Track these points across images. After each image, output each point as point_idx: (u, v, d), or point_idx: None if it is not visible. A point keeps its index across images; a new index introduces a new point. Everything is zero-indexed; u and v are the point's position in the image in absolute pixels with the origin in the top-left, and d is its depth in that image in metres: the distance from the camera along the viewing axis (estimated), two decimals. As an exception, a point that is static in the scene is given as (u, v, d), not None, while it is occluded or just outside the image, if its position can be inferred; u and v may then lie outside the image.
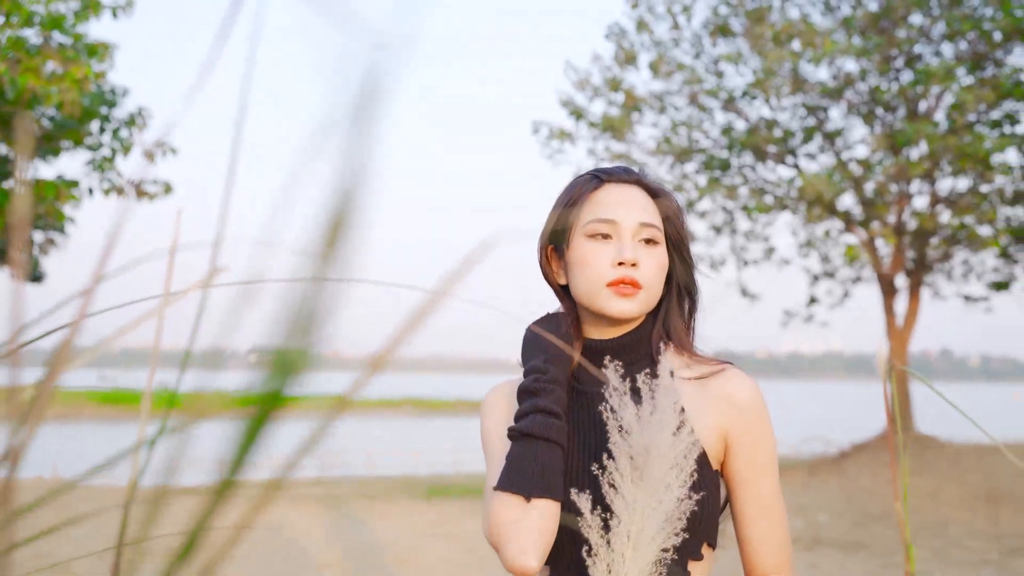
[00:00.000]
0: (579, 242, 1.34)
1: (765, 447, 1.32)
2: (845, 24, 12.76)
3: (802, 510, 8.83)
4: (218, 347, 0.42)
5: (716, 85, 13.21)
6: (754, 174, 13.78)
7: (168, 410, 0.47)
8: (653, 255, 1.34)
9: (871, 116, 13.27)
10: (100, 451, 18.72)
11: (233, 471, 0.40)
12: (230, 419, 0.41)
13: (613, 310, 1.31)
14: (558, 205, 1.39)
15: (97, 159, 10.20)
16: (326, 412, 0.41)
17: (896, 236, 12.85)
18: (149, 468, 0.50)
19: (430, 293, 0.41)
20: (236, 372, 0.44)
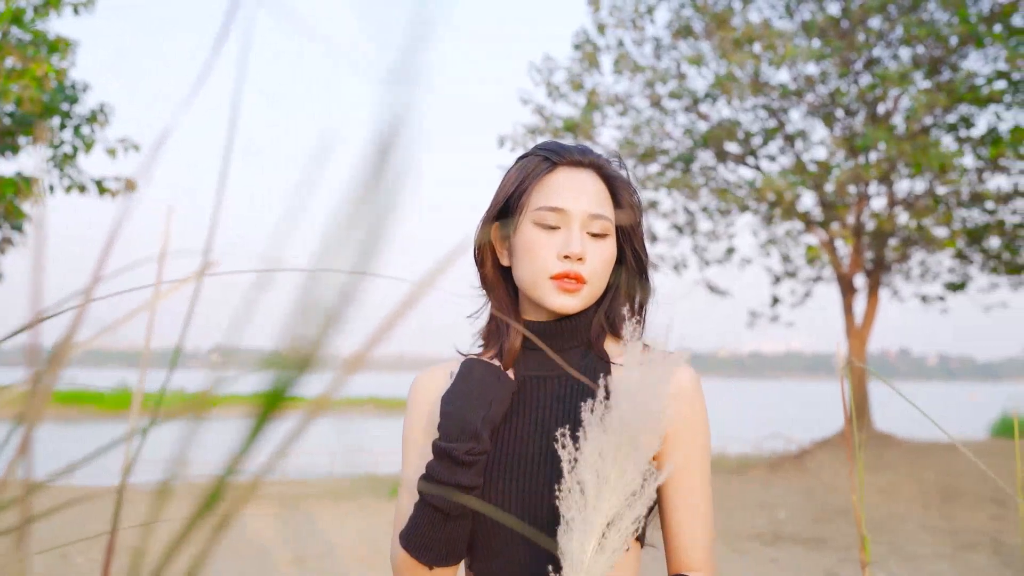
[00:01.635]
0: (526, 228, 1.28)
1: (701, 440, 1.29)
2: (805, 28, 12.95)
3: (763, 506, 8.95)
4: (222, 347, 0.44)
5: (678, 87, 13.34)
6: (715, 175, 13.93)
7: (153, 409, 0.49)
8: (600, 248, 1.28)
9: (831, 118, 13.46)
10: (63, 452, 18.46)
11: (229, 471, 0.42)
12: (211, 419, 0.43)
13: (554, 304, 1.27)
14: (508, 183, 1.32)
15: (58, 156, 10.08)
16: (305, 412, 0.44)
17: (855, 237, 13.06)
18: (124, 468, 0.52)
19: (413, 285, 0.44)
20: (197, 371, 0.46)
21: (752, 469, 11.91)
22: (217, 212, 0.54)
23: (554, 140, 1.35)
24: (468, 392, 1.23)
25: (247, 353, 0.46)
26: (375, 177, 0.40)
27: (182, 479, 0.47)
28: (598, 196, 1.30)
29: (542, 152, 1.32)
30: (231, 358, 0.45)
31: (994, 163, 12.31)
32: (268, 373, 0.42)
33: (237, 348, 0.45)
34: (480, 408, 1.22)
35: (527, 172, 1.30)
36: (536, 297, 1.29)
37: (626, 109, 13.72)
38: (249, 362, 0.43)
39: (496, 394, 1.23)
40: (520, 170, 1.32)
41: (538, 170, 1.30)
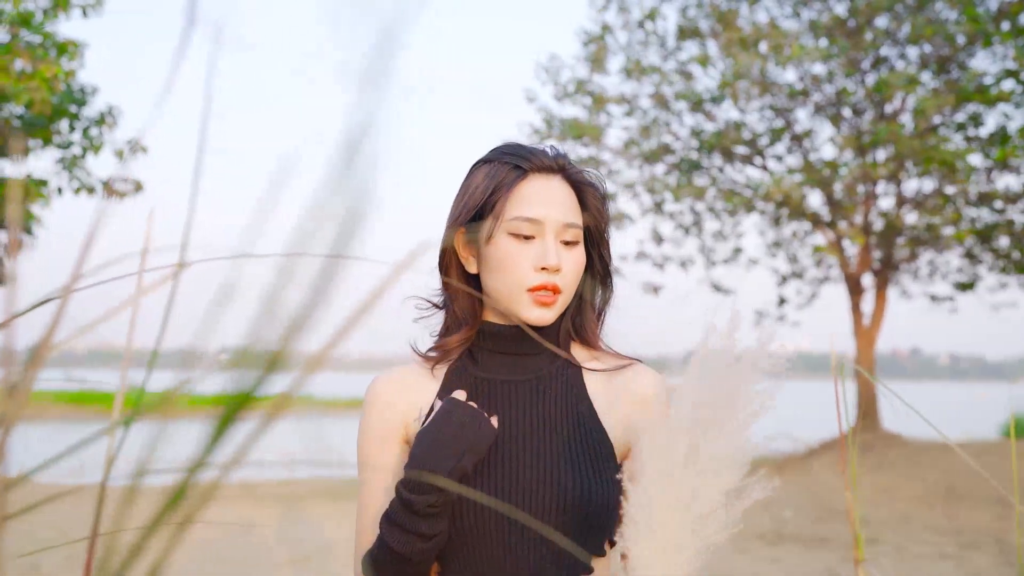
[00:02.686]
0: (500, 238, 1.26)
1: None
2: (812, 27, 12.94)
3: (767, 506, 8.97)
4: (193, 347, 0.46)
5: (685, 88, 13.34)
6: (723, 175, 13.93)
7: (137, 409, 0.50)
8: (573, 257, 1.28)
9: (838, 117, 13.45)
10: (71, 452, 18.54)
11: (195, 470, 0.45)
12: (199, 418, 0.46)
13: (531, 317, 1.25)
14: (477, 190, 1.28)
15: (67, 158, 10.16)
16: (269, 411, 0.46)
17: (863, 236, 13.05)
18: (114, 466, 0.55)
19: (374, 286, 0.46)
20: (209, 372, 0.48)
21: (758, 469, 11.91)
22: (192, 212, 0.57)
23: (516, 144, 1.32)
24: (442, 438, 1.18)
25: (220, 352, 0.47)
26: (342, 179, 0.43)
27: (155, 478, 0.49)
28: (569, 203, 1.29)
29: (509, 158, 1.30)
30: (196, 360, 0.47)
31: (1003, 163, 12.29)
32: (241, 372, 0.44)
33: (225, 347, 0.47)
34: (450, 458, 1.17)
35: (498, 180, 1.28)
36: (511, 309, 1.26)
37: (632, 110, 13.73)
38: (228, 361, 0.45)
39: (472, 443, 1.18)
40: (489, 177, 1.29)
41: (509, 178, 1.27)
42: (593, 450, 1.27)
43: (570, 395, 1.31)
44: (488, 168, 1.30)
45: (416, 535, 1.16)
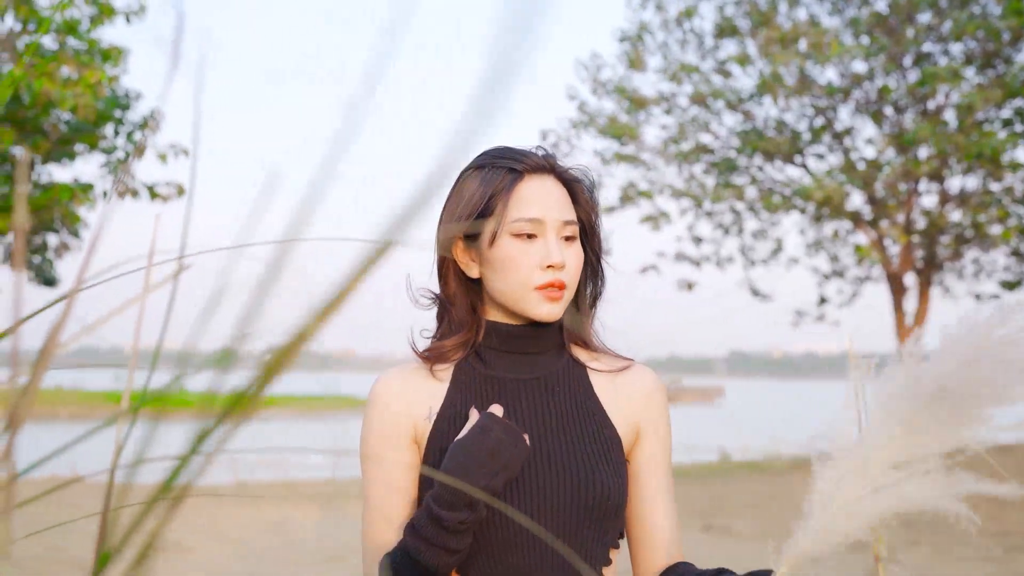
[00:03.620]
0: (504, 241, 1.29)
1: (669, 439, 1.37)
2: (852, 24, 12.79)
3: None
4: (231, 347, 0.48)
5: (723, 86, 13.26)
6: (762, 174, 13.82)
7: (157, 409, 0.52)
8: (574, 253, 1.32)
9: (880, 115, 13.29)
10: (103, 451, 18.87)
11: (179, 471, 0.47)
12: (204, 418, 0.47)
13: (541, 314, 1.28)
14: (473, 197, 1.31)
15: (111, 162, 10.36)
16: (233, 413, 0.47)
17: (905, 235, 12.88)
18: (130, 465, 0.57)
19: (373, 243, 0.48)
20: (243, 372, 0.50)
21: (799, 470, 11.80)
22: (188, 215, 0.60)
23: (504, 147, 1.35)
24: (478, 455, 1.17)
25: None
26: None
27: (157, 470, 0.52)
28: (564, 201, 1.33)
29: (502, 161, 1.32)
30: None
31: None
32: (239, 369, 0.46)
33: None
34: (485, 476, 1.16)
35: (495, 184, 1.30)
36: (520, 308, 1.29)
37: (671, 108, 13.67)
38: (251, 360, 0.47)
39: (508, 461, 1.18)
40: (485, 182, 1.31)
41: (506, 181, 1.30)
42: (604, 446, 1.31)
43: (578, 393, 1.34)
44: (481, 173, 1.32)
45: (443, 549, 1.16)
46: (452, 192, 1.36)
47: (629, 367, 1.38)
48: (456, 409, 1.30)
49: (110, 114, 9.95)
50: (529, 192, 1.30)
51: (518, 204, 1.29)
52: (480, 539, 1.23)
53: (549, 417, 1.31)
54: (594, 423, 1.32)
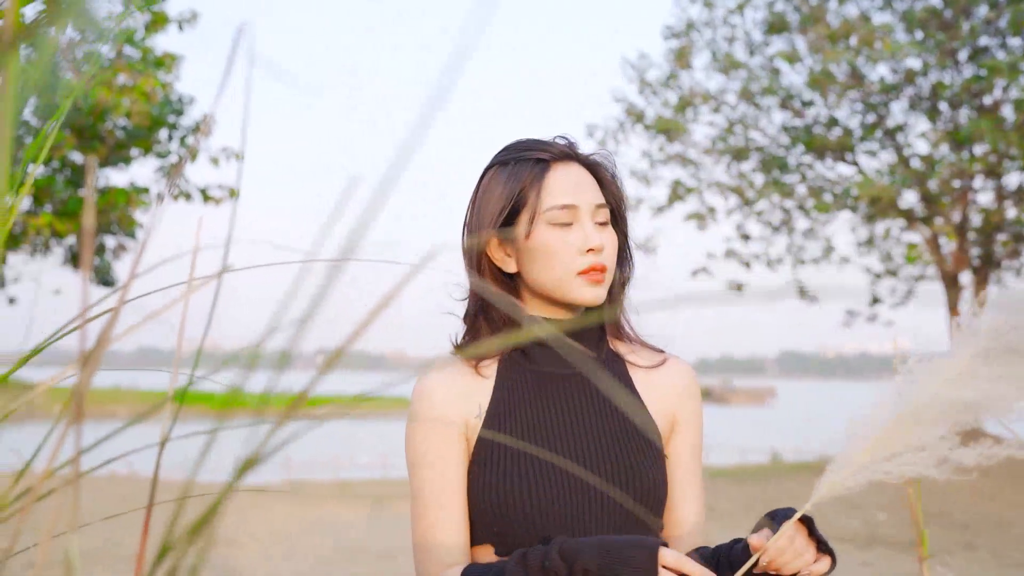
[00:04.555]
0: (540, 231, 1.28)
1: (701, 432, 1.40)
2: (905, 19, 12.58)
3: (858, 509, 8.76)
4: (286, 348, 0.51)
5: (771, 83, 13.13)
6: (812, 172, 13.66)
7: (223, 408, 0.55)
8: (609, 235, 1.32)
9: (934, 111, 13.05)
10: (177, 448, 19.24)
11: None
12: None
13: (587, 298, 1.29)
14: (502, 192, 1.31)
15: (166, 166, 10.60)
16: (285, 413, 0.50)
17: (959, 233, 12.63)
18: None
19: (411, 267, 0.51)
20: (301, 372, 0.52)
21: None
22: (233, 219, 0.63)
23: (525, 140, 1.35)
24: (621, 557, 1.15)
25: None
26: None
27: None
28: (593, 185, 1.33)
29: (528, 153, 1.32)
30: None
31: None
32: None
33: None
34: (607, 566, 1.14)
35: (523, 177, 1.30)
36: (564, 295, 1.29)
37: (719, 106, 13.58)
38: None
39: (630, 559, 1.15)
40: (513, 176, 1.31)
41: (535, 172, 1.30)
42: (644, 439, 1.33)
43: (618, 386, 1.37)
44: (506, 169, 1.32)
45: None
46: (477, 193, 1.35)
47: (666, 361, 1.40)
48: (505, 406, 1.31)
49: (164, 119, 10.18)
50: (559, 180, 1.30)
51: (550, 193, 1.29)
52: (535, 528, 1.24)
53: (593, 412, 1.32)
54: (636, 416, 1.35)
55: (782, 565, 1.15)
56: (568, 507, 1.25)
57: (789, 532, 1.15)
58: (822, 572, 1.18)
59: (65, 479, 0.55)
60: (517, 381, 1.32)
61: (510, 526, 1.25)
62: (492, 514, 1.25)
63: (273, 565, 6.47)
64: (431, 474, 1.28)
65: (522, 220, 1.29)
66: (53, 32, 0.58)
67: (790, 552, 1.15)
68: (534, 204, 1.29)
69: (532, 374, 1.33)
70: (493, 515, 1.25)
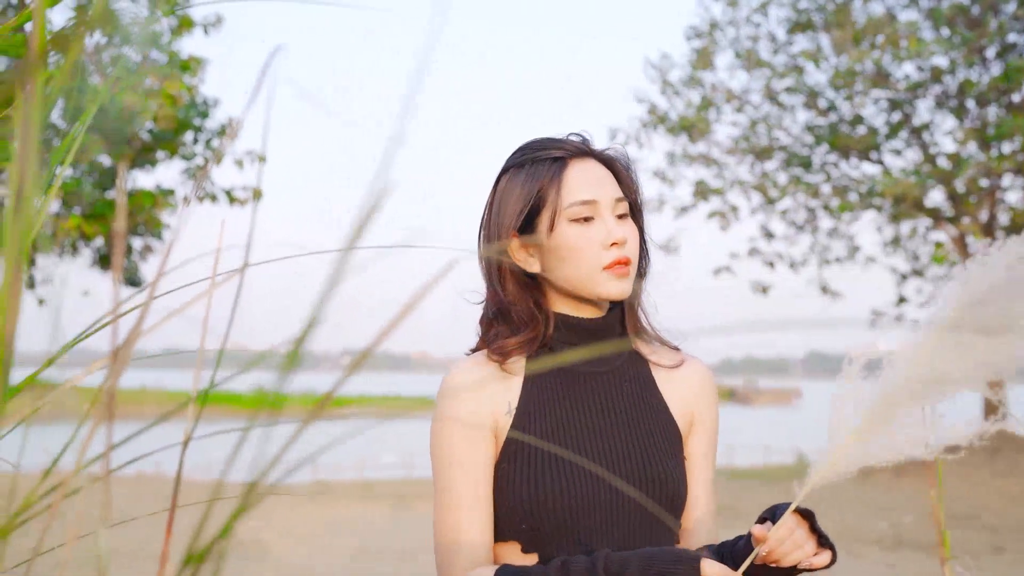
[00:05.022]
0: (563, 228, 1.29)
1: (716, 432, 1.40)
2: (932, 16, 12.46)
3: (885, 511, 8.69)
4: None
5: (796, 82, 13.05)
6: (837, 171, 13.56)
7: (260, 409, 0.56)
8: (630, 228, 1.32)
9: (961, 109, 12.92)
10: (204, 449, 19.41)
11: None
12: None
13: (614, 292, 1.29)
14: (520, 194, 1.31)
15: (191, 168, 10.69)
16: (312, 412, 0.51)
17: (987, 232, 12.49)
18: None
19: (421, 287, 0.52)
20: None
21: (878, 473, 11.55)
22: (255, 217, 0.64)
23: (537, 139, 1.35)
24: (664, 566, 1.16)
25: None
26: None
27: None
28: (610, 179, 1.33)
29: (543, 152, 1.32)
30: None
31: None
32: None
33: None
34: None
35: (541, 176, 1.30)
36: (590, 291, 1.29)
37: (742, 105, 13.51)
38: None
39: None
40: (531, 177, 1.31)
41: (552, 170, 1.30)
42: (668, 439, 1.34)
43: (642, 386, 1.37)
44: (523, 170, 1.33)
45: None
46: (494, 196, 1.36)
47: (685, 361, 1.40)
48: (534, 404, 1.30)
49: (189, 122, 10.27)
50: (577, 176, 1.31)
51: (569, 190, 1.29)
52: (566, 526, 1.24)
53: (620, 411, 1.33)
54: (660, 418, 1.35)
55: (782, 556, 1.15)
56: (597, 505, 1.25)
57: (789, 524, 1.15)
58: (822, 565, 1.19)
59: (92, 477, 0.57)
60: (545, 379, 1.32)
61: (540, 524, 1.24)
62: (522, 512, 1.25)
63: (299, 564, 6.50)
64: (458, 472, 1.27)
65: (543, 219, 1.30)
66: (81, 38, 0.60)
67: (790, 543, 1.15)
68: (554, 202, 1.29)
69: (559, 372, 1.33)
70: (523, 513, 1.25)
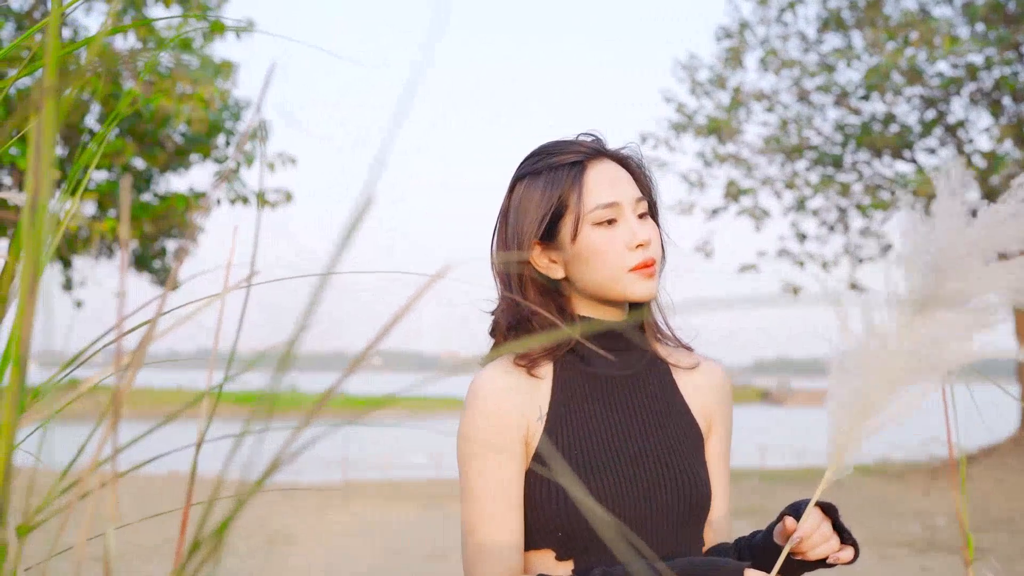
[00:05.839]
0: (586, 232, 1.27)
1: (731, 434, 1.41)
2: (967, 12, 12.30)
3: (919, 514, 8.60)
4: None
5: (827, 81, 12.94)
6: (869, 170, 13.43)
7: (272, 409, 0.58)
8: (652, 228, 1.31)
9: (997, 106, 12.75)
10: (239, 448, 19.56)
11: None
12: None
13: (641, 293, 1.28)
14: (541, 201, 1.29)
15: (224, 170, 10.82)
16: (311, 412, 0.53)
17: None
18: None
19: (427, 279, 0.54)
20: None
21: (910, 475, 11.44)
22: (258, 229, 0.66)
23: (550, 143, 1.34)
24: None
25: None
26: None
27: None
28: (629, 179, 1.32)
29: (558, 157, 1.31)
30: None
31: None
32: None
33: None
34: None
35: (560, 181, 1.29)
36: (617, 294, 1.28)
37: (772, 105, 13.43)
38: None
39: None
40: (549, 183, 1.30)
41: (571, 175, 1.29)
42: (694, 443, 1.34)
43: (666, 388, 1.36)
44: (540, 177, 1.31)
45: None
46: (509, 207, 1.34)
47: (701, 363, 1.40)
48: (565, 408, 1.29)
49: (221, 125, 10.39)
50: (597, 179, 1.29)
51: (591, 193, 1.28)
52: (594, 531, 1.23)
53: (648, 414, 1.32)
54: (684, 420, 1.35)
55: (809, 548, 1.16)
56: (633, 511, 1.25)
57: (815, 518, 1.17)
58: (847, 560, 1.20)
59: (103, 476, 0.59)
60: (573, 383, 1.31)
61: (576, 530, 1.23)
62: (557, 519, 1.23)
63: (327, 564, 6.56)
64: (489, 474, 1.25)
65: (566, 224, 1.29)
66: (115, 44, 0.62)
67: (817, 536, 1.16)
68: (577, 206, 1.28)
69: (586, 376, 1.32)
70: (558, 520, 1.23)
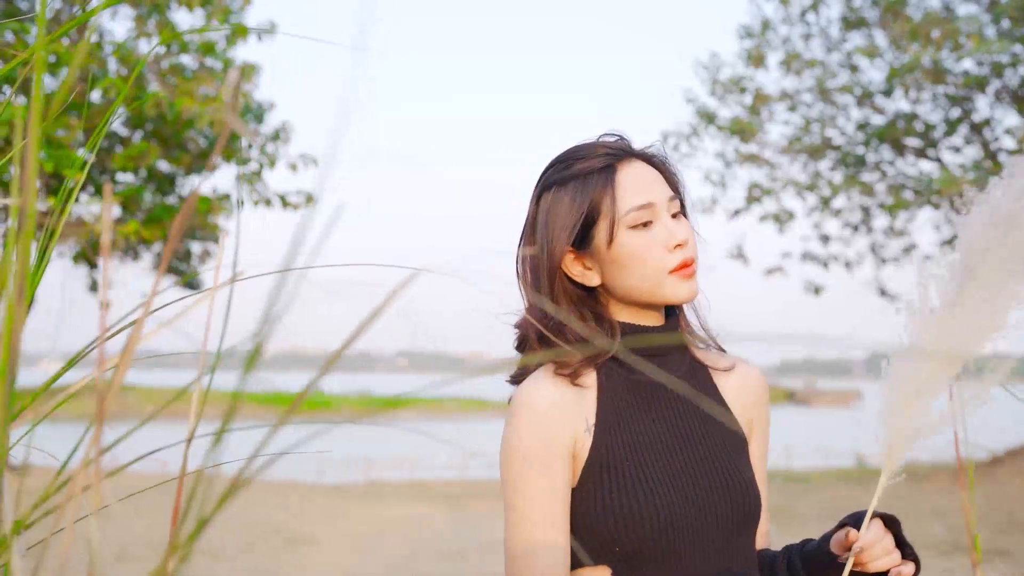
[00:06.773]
0: (623, 236, 1.24)
1: (768, 436, 1.39)
2: (992, 9, 12.16)
3: (943, 516, 8.52)
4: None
5: (850, 80, 12.84)
6: (893, 169, 13.32)
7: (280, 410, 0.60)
8: (686, 226, 1.27)
9: (1023, 104, 12.61)
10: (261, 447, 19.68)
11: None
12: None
13: (683, 295, 1.25)
14: (572, 207, 1.26)
15: (247, 173, 10.90)
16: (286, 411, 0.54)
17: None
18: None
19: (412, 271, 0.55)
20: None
21: (936, 477, 11.33)
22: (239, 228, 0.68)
23: (573, 148, 1.30)
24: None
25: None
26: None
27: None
28: (659, 178, 1.29)
29: (585, 163, 1.27)
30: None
31: None
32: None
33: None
34: None
35: (591, 186, 1.25)
36: (658, 297, 1.25)
37: (795, 105, 13.35)
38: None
39: None
40: (580, 189, 1.26)
41: (602, 178, 1.25)
42: (740, 448, 1.31)
43: (707, 392, 1.34)
44: (569, 183, 1.27)
45: None
46: (537, 215, 1.30)
47: (738, 366, 1.38)
48: (613, 419, 1.25)
49: (245, 126, 10.49)
50: (629, 180, 1.26)
51: (624, 196, 1.25)
52: (659, 546, 1.20)
53: (694, 420, 1.29)
54: (729, 424, 1.33)
55: (870, 559, 1.15)
56: (690, 522, 1.21)
57: (878, 529, 1.16)
58: (909, 575, 1.18)
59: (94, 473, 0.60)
60: (618, 391, 1.27)
61: (636, 545, 1.19)
62: (614, 534, 1.19)
63: (351, 563, 6.59)
64: (537, 485, 1.21)
65: (600, 230, 1.25)
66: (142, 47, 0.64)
67: (879, 548, 1.15)
68: (611, 210, 1.24)
69: (630, 383, 1.28)
70: (615, 535, 1.19)
